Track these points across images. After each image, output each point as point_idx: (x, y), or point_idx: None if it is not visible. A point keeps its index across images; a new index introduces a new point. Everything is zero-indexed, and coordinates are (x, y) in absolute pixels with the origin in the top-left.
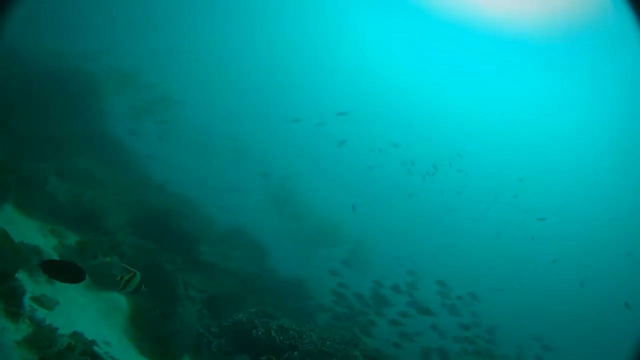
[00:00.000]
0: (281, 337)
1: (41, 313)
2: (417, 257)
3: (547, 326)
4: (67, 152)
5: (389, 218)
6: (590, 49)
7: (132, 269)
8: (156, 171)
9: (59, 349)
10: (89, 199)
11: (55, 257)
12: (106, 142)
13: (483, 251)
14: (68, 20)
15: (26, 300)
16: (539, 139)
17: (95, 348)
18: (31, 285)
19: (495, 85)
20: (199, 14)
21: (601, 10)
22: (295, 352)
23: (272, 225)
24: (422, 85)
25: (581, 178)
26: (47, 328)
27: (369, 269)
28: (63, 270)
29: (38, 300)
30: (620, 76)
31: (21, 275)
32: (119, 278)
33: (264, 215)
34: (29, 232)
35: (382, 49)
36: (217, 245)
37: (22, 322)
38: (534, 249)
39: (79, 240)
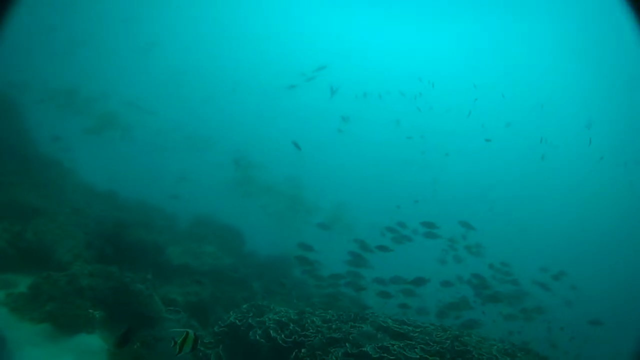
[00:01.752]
0: (282, 336)
1: None
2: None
3: None
4: None
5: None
6: None
7: (182, 330)
8: (98, 180)
9: None
10: (32, 233)
11: (5, 310)
12: (33, 164)
13: None
14: None
15: None
16: None
17: None
18: None
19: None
20: None
21: None
22: (303, 350)
23: (239, 205)
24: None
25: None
26: None
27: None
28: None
29: None
30: None
31: None
32: (172, 345)
33: (227, 198)
34: None
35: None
36: (185, 243)
37: None
38: None
39: (31, 284)
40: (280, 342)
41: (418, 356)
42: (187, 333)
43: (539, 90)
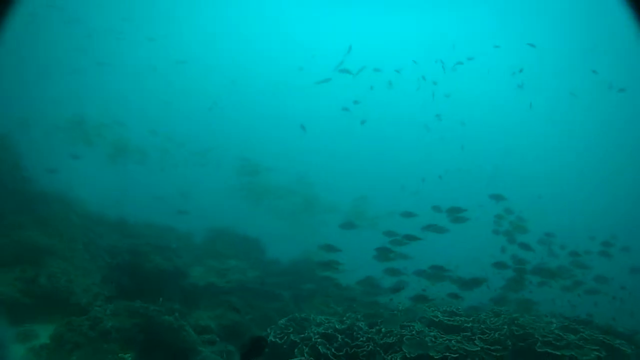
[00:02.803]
0: (332, 350)
1: None
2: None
3: None
4: None
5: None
6: None
7: None
8: (104, 207)
9: None
10: (45, 277)
11: None
12: (36, 201)
13: None
14: None
15: None
16: None
17: None
18: None
19: None
20: None
21: None
22: None
23: (252, 212)
24: None
25: None
26: None
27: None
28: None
29: None
30: None
31: None
32: None
33: (239, 207)
34: None
35: None
36: (206, 262)
37: None
38: None
39: (53, 334)
40: (332, 357)
41: (479, 348)
42: None
43: None
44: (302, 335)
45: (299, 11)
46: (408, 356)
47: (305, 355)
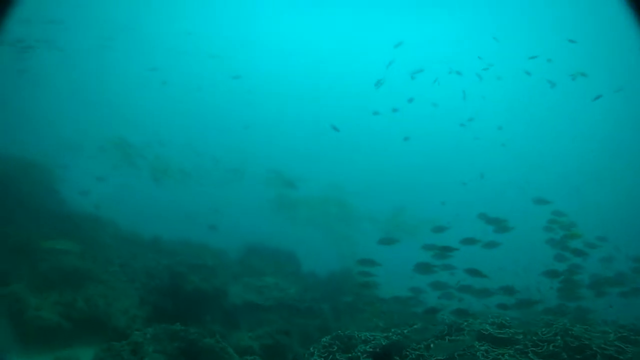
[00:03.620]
0: None
1: None
2: None
3: None
4: (32, 257)
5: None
6: None
7: None
8: (137, 226)
9: None
10: (83, 301)
11: None
12: (71, 223)
13: None
14: None
15: None
16: None
17: None
18: None
19: None
20: None
21: None
22: None
23: (285, 224)
24: None
25: None
26: None
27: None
28: None
29: None
30: None
31: None
32: None
33: (271, 219)
34: None
35: None
36: (243, 279)
37: None
38: None
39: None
40: None
41: None
42: None
43: None
44: (349, 355)
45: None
46: None
47: None
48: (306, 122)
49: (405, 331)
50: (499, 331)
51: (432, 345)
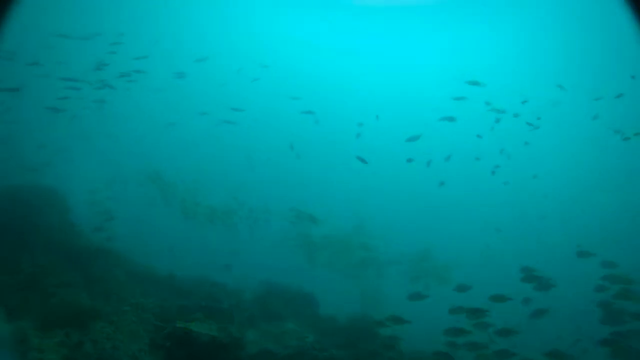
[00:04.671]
0: None
1: None
2: None
3: None
4: (43, 292)
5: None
6: None
7: None
8: (151, 260)
9: None
10: (91, 344)
11: None
12: (82, 257)
13: None
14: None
15: None
16: None
17: None
18: None
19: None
20: None
21: None
22: None
23: (303, 265)
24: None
25: None
26: None
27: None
28: None
29: None
30: None
31: None
32: None
33: (289, 259)
34: None
35: None
36: (261, 325)
37: None
38: None
39: None
40: None
41: None
42: None
43: None
44: None
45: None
46: None
47: None
48: (327, 155)
49: None
50: None
51: None
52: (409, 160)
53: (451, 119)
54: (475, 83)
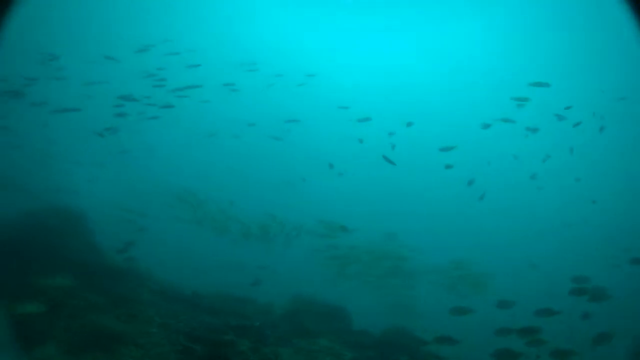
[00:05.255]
0: None
1: None
2: None
3: None
4: (67, 314)
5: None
6: None
7: None
8: (177, 279)
9: None
10: None
11: None
12: (107, 278)
13: None
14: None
15: None
16: None
17: None
18: None
19: None
20: None
21: None
22: None
23: (332, 276)
24: None
25: None
26: None
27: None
28: None
29: None
30: None
31: None
32: None
33: (318, 272)
34: None
35: None
36: (293, 341)
37: None
38: None
39: None
40: None
41: None
42: None
43: None
44: None
45: None
46: None
47: None
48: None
49: None
50: None
51: None
52: (448, 167)
53: (507, 120)
54: (538, 84)
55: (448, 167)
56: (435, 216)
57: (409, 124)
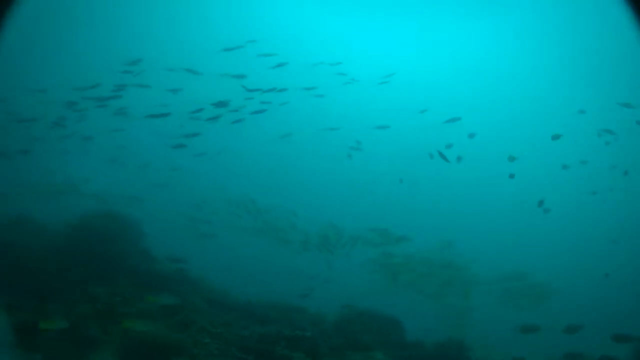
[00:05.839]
0: None
1: None
2: None
3: None
4: (120, 322)
5: None
6: None
7: None
8: (228, 285)
9: None
10: None
11: None
12: (158, 285)
13: None
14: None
15: None
16: None
17: None
18: None
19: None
20: None
21: None
22: None
23: (384, 286)
24: None
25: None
26: None
27: None
28: None
29: None
30: None
31: None
32: None
33: (372, 282)
34: None
35: None
36: (347, 353)
37: None
38: None
39: None
40: None
41: None
42: None
43: None
44: None
45: None
46: None
47: None
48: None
49: None
50: None
51: None
52: (511, 176)
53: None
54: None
55: (511, 176)
56: (495, 225)
57: (471, 135)
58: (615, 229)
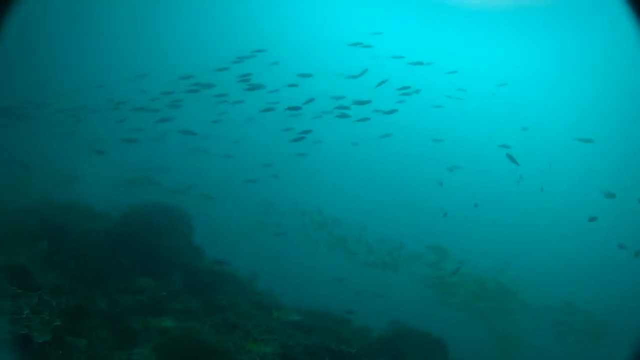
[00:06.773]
0: None
1: None
2: None
3: None
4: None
5: None
6: None
7: None
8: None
9: None
10: None
11: None
12: (203, 282)
13: None
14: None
15: None
16: None
17: None
18: None
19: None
20: None
21: None
22: None
23: (430, 304)
24: None
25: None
26: None
27: None
28: None
29: None
30: None
31: None
32: None
33: (420, 300)
34: None
35: None
36: None
37: None
38: None
39: None
40: None
41: None
42: None
43: None
44: None
45: None
46: None
47: None
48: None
49: None
50: None
51: None
52: (592, 219)
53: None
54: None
55: (592, 219)
56: (550, 253)
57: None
58: None
